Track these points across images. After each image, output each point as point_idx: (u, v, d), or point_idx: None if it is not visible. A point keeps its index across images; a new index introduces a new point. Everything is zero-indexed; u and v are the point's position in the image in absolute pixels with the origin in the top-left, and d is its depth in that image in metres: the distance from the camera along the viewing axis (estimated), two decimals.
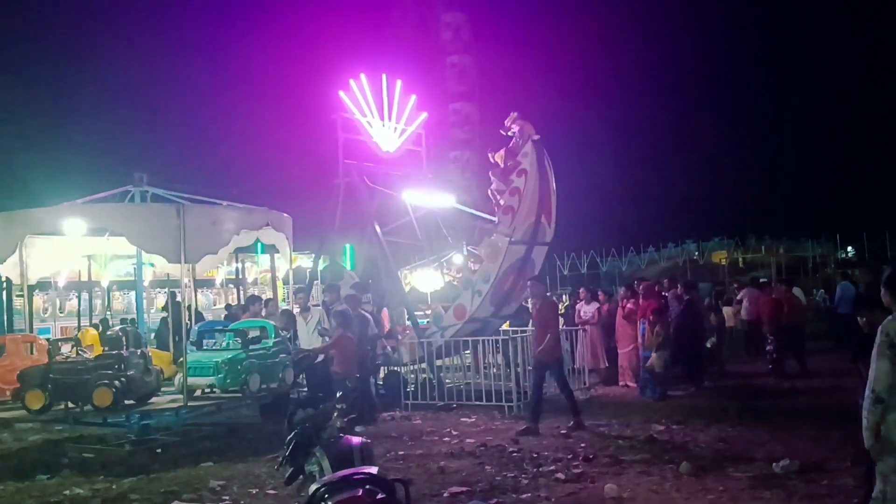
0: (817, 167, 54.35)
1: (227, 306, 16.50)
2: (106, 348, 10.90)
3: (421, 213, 15.85)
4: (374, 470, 3.49)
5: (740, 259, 43.52)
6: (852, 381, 10.61)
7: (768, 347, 13.86)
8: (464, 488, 7.31)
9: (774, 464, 7.38)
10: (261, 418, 11.23)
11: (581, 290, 15.57)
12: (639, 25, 65.71)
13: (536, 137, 13.28)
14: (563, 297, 23.07)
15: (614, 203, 51.27)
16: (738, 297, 18.02)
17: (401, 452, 9.06)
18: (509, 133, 13.53)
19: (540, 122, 13.71)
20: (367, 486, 3.24)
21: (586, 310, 14.26)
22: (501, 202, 13.34)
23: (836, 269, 31.34)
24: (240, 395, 9.81)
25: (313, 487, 3.37)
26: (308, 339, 11.18)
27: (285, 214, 11.28)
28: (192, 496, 7.51)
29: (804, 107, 62.07)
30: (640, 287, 12.72)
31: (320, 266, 15.78)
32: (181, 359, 9.72)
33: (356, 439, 4.45)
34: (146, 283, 16.84)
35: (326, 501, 3.24)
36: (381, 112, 14.97)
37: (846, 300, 15.84)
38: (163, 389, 10.01)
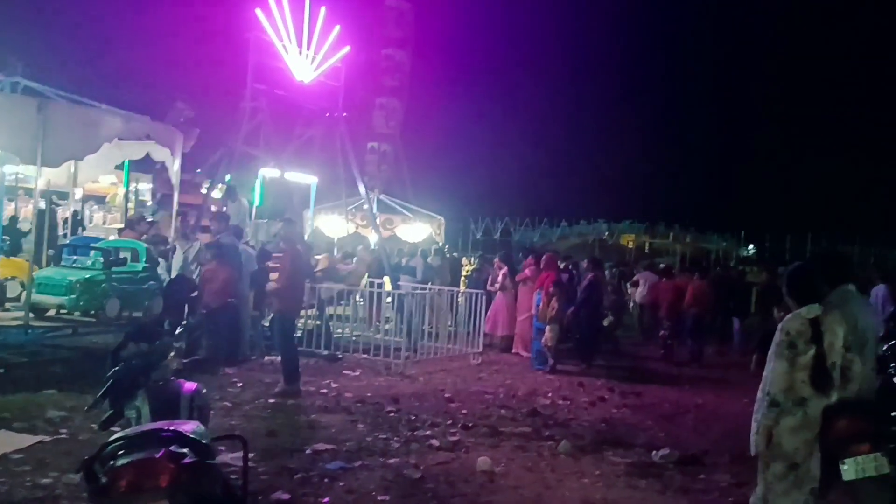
0: (732, 166, 55.95)
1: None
2: None
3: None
4: (190, 426, 2.85)
5: (647, 244, 44.38)
6: (741, 375, 10.52)
7: (662, 332, 13.90)
8: (329, 446, 6.79)
9: (654, 452, 7.16)
10: None
11: (496, 258, 15.07)
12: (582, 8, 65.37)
13: None
14: (472, 259, 22.78)
15: (534, 173, 51.37)
16: (634, 279, 18.05)
17: (270, 401, 8.46)
18: None
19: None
20: (172, 448, 2.60)
21: (495, 274, 13.93)
22: None
23: (737, 264, 32.24)
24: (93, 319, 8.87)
25: (107, 442, 2.72)
26: (184, 270, 10.30)
27: (175, 129, 10.25)
28: (24, 425, 6.72)
29: (732, 109, 63.58)
30: (543, 258, 12.28)
31: (217, 193, 14.79)
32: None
33: (189, 385, 3.83)
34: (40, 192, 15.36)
35: (116, 461, 2.59)
36: (299, 38, 13.92)
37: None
38: (10, 305, 8.97)
